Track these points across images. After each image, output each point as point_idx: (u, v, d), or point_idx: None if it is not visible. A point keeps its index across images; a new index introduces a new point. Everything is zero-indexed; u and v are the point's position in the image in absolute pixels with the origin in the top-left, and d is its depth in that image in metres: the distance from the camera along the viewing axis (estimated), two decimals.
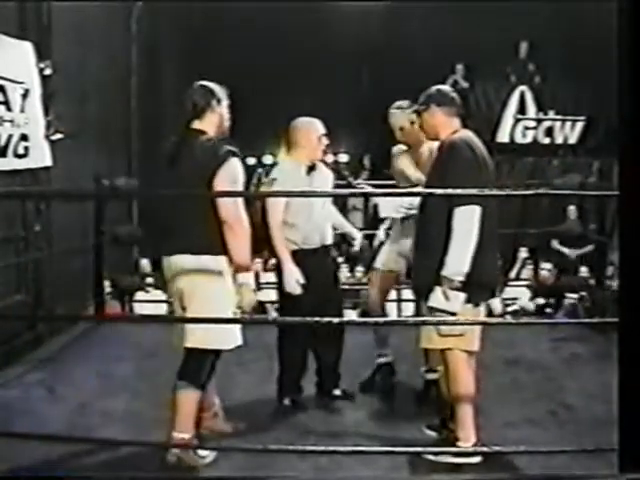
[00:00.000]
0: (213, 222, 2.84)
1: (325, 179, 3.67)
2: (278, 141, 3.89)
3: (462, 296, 2.84)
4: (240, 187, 2.95)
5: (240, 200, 2.88)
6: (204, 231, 2.86)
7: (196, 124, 2.97)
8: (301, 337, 3.55)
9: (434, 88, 3.16)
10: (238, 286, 2.93)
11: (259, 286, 3.11)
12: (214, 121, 2.99)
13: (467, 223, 2.81)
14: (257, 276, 3.60)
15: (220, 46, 10.61)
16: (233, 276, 2.94)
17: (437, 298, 2.85)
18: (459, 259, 2.81)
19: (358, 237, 3.88)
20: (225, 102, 3.05)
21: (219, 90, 3.04)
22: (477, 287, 2.88)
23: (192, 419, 2.95)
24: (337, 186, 3.92)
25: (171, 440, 2.91)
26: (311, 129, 3.56)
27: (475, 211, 2.81)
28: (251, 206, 3.18)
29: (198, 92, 3.00)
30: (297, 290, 3.43)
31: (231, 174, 2.86)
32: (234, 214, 2.84)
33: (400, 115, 3.69)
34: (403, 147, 3.81)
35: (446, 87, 3.23)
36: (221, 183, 2.83)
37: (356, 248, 3.92)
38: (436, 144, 3.13)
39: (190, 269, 2.89)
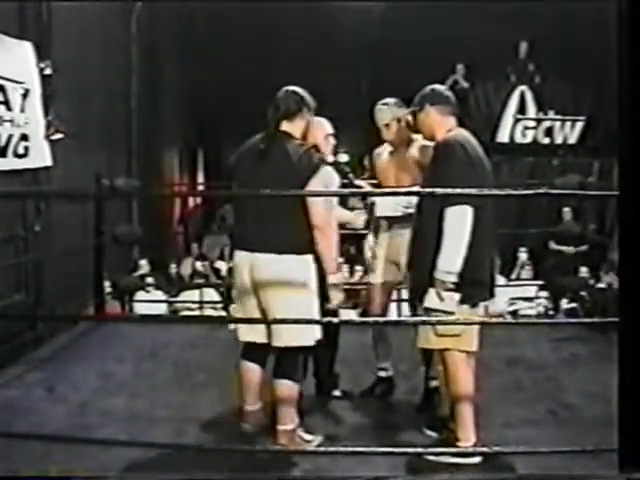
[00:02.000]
0: (299, 223, 2.96)
1: (330, 180, 3.64)
2: None
3: (457, 296, 2.84)
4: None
5: (329, 205, 3.03)
6: (290, 231, 2.97)
7: (285, 126, 3.08)
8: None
9: (428, 88, 3.15)
10: (330, 286, 3.06)
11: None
12: (301, 126, 3.13)
13: (458, 223, 2.80)
14: None
15: (220, 46, 10.62)
16: (323, 277, 3.06)
17: (432, 299, 2.85)
18: (450, 260, 2.80)
19: (360, 221, 3.80)
20: (312, 111, 3.18)
21: (310, 99, 3.17)
22: (474, 287, 2.88)
23: (294, 412, 3.08)
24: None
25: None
26: (318, 128, 3.50)
27: (466, 211, 2.79)
28: None
29: (291, 97, 3.12)
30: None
31: (323, 182, 2.99)
32: (326, 219, 2.97)
33: (386, 111, 3.63)
34: (388, 147, 3.76)
35: (440, 86, 3.20)
36: (313, 189, 2.95)
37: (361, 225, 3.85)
38: (428, 144, 3.13)
39: (271, 269, 2.97)
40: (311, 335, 3.03)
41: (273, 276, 2.97)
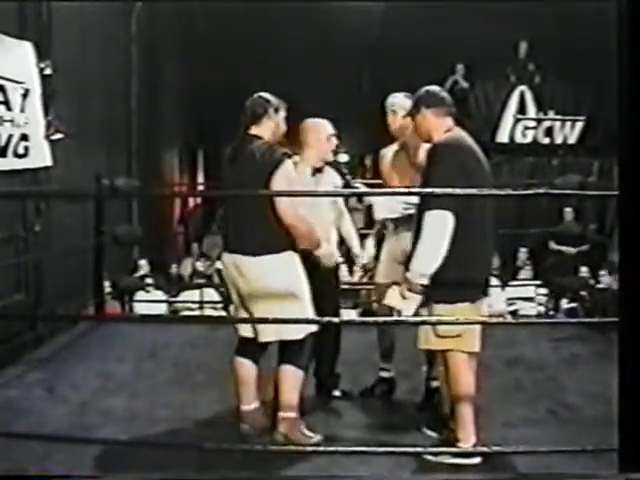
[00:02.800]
0: (272, 222, 3.02)
1: (331, 182, 3.65)
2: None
3: (418, 299, 2.86)
4: (296, 187, 3.17)
5: (296, 199, 3.11)
6: (264, 231, 3.04)
7: (253, 130, 3.17)
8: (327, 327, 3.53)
9: (423, 90, 3.14)
10: (320, 257, 3.24)
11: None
12: (270, 128, 3.19)
13: (435, 228, 2.81)
14: None
15: (220, 46, 10.61)
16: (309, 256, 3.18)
17: (393, 296, 2.87)
18: (422, 262, 2.83)
19: (360, 257, 3.87)
20: (282, 112, 3.24)
21: (276, 101, 3.23)
22: (470, 285, 2.89)
23: (296, 400, 3.12)
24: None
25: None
26: (320, 129, 3.58)
27: (445, 217, 2.79)
28: None
29: (257, 102, 3.20)
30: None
31: (287, 175, 3.04)
32: (294, 215, 3.03)
33: (398, 97, 3.58)
34: (393, 148, 3.74)
35: (435, 87, 3.18)
36: (278, 184, 3.00)
37: (359, 263, 3.91)
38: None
39: (251, 270, 3.05)
40: (298, 329, 3.08)
41: (254, 280, 3.05)
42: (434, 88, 3.17)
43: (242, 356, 3.26)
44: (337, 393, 3.77)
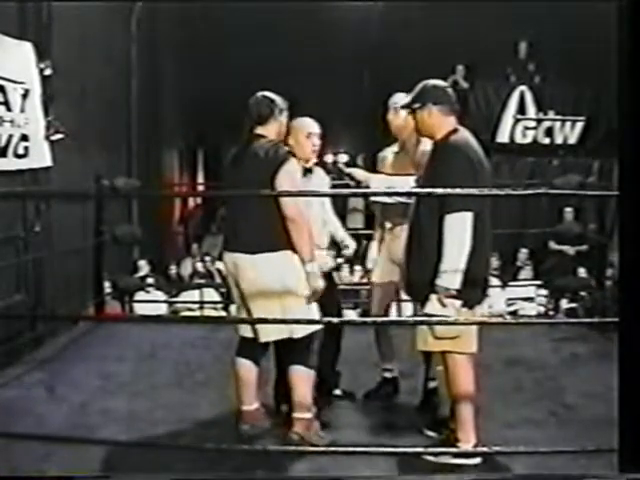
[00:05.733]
0: (272, 220, 3.02)
1: (320, 183, 3.60)
2: None
3: (458, 303, 2.84)
4: (300, 185, 3.16)
5: (300, 198, 3.11)
6: (263, 229, 3.04)
7: (259, 130, 3.17)
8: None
9: (430, 84, 3.03)
10: (306, 274, 3.07)
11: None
12: (275, 128, 3.20)
13: (458, 230, 2.79)
14: None
15: (220, 46, 10.61)
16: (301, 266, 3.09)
17: (433, 305, 2.85)
18: (454, 268, 2.80)
19: (351, 245, 3.82)
20: (285, 112, 3.25)
21: (281, 101, 3.23)
22: (470, 290, 2.87)
23: (310, 400, 3.13)
24: (336, 186, 3.90)
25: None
26: (297, 127, 3.44)
27: (467, 218, 2.78)
28: None
29: (262, 102, 3.20)
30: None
31: (291, 173, 3.05)
32: (297, 210, 3.02)
33: (401, 96, 3.42)
34: (392, 149, 3.71)
35: (441, 83, 3.08)
36: (282, 181, 3.01)
37: (348, 253, 3.88)
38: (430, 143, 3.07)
39: (250, 269, 3.05)
40: (298, 328, 3.07)
41: (252, 279, 3.05)
42: (441, 83, 3.07)
43: (243, 357, 3.26)
44: (338, 392, 3.77)
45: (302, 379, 3.11)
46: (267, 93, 3.23)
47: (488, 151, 3.04)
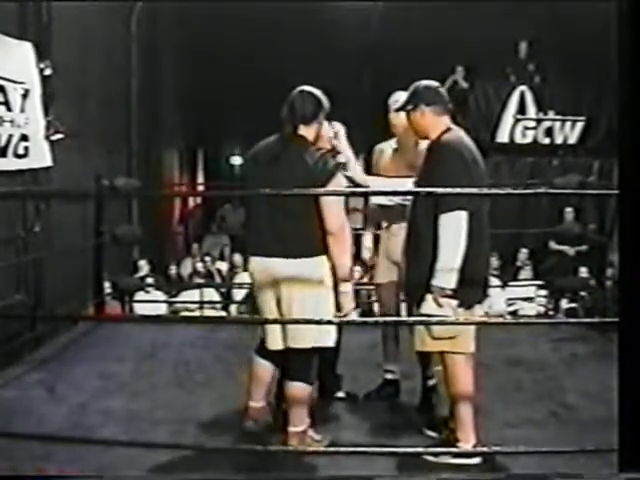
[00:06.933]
0: (312, 226, 2.90)
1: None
2: None
3: (454, 302, 2.84)
4: (342, 201, 2.99)
5: (343, 210, 2.95)
6: (303, 235, 2.91)
7: (302, 130, 2.99)
8: None
9: (421, 86, 3.04)
10: (341, 294, 2.99)
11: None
12: (315, 129, 3.02)
13: (453, 229, 2.79)
14: None
15: (220, 46, 10.61)
16: (334, 284, 2.99)
17: (429, 305, 2.85)
18: (449, 268, 2.79)
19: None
20: (325, 112, 3.07)
21: (325, 100, 3.06)
22: (469, 289, 2.87)
23: (305, 414, 3.05)
24: None
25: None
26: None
27: (461, 217, 2.78)
28: None
29: (308, 100, 3.01)
30: None
31: (339, 187, 2.95)
32: (340, 224, 2.91)
33: (402, 95, 3.33)
34: (391, 144, 3.72)
35: (433, 83, 3.07)
36: (328, 196, 2.88)
37: None
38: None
39: (288, 274, 2.92)
40: (331, 336, 3.00)
41: (289, 278, 2.92)
42: (432, 84, 3.07)
43: (262, 357, 3.16)
44: (341, 394, 3.76)
45: (300, 395, 3.02)
46: (312, 89, 3.04)
47: (488, 151, 3.04)
